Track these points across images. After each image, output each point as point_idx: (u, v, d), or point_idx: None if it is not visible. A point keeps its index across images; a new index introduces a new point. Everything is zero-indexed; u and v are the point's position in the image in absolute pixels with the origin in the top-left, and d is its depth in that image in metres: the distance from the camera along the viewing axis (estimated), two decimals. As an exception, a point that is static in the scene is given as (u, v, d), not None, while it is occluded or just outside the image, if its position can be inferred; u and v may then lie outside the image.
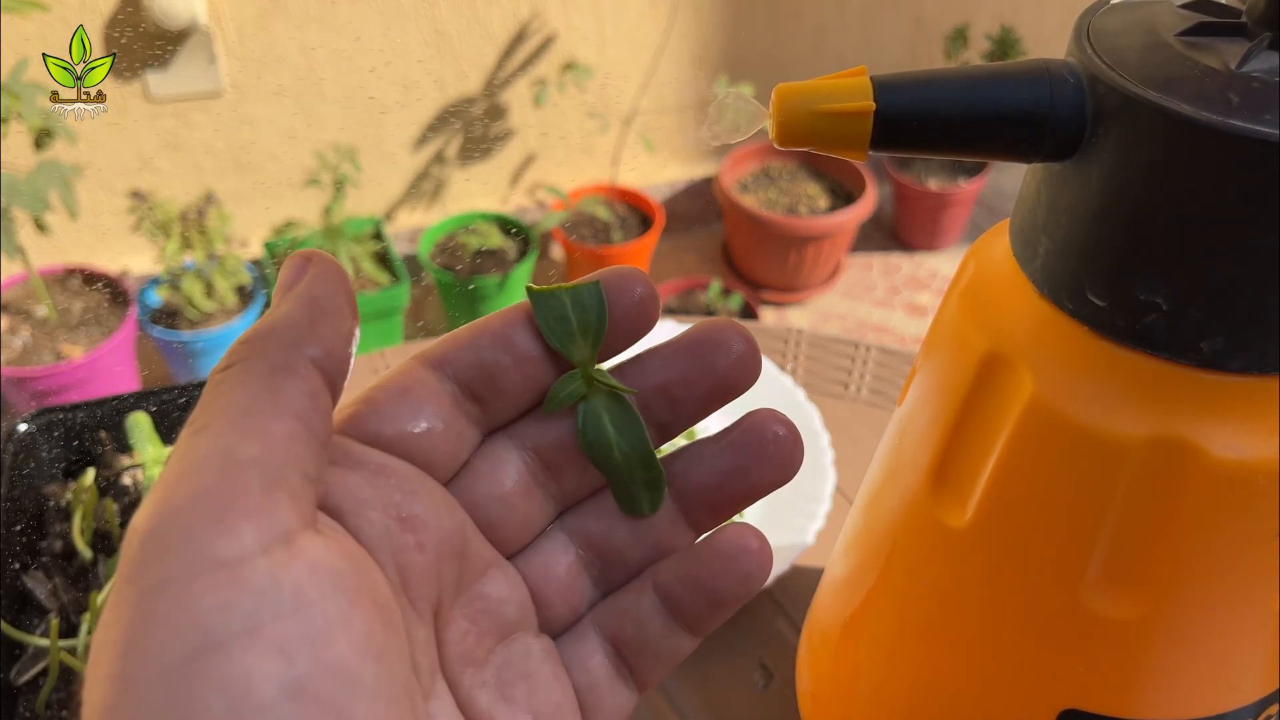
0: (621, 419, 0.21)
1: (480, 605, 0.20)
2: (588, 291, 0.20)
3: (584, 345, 0.20)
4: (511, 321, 0.20)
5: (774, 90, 0.25)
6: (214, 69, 1.34)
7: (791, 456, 0.21)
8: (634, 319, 0.21)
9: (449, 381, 0.20)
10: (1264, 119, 0.22)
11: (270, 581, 0.15)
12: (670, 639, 0.21)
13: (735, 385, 0.21)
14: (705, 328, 0.21)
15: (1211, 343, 0.25)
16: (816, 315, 1.71)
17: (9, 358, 1.27)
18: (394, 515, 0.19)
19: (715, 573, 0.21)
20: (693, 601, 0.21)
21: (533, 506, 0.21)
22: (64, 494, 0.52)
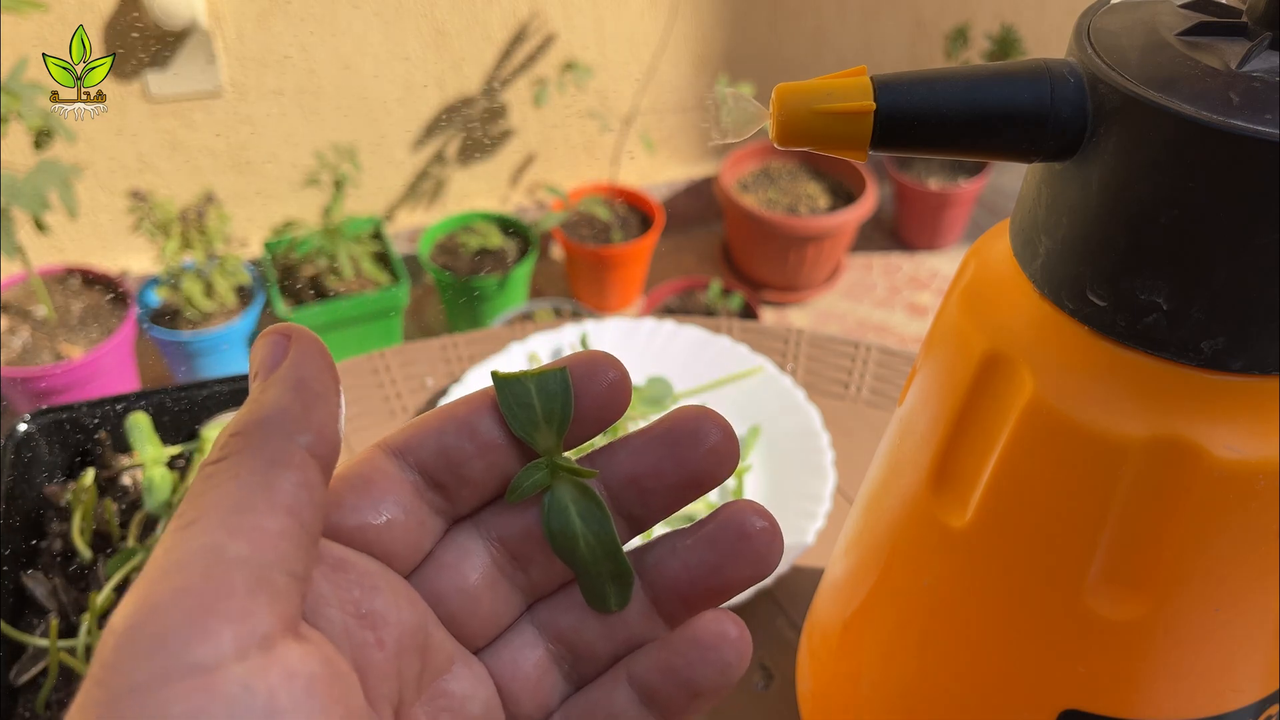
0: (587, 510, 0.20)
1: (443, 703, 0.20)
2: (553, 378, 0.20)
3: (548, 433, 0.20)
4: (476, 408, 0.20)
5: (774, 90, 0.25)
6: (213, 69, 1.34)
7: (769, 551, 0.20)
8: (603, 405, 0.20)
9: (411, 471, 0.20)
10: (1264, 119, 0.22)
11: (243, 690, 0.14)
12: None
13: (709, 478, 0.20)
14: (678, 417, 0.20)
15: (1212, 343, 0.25)
16: (816, 315, 1.71)
17: (9, 358, 1.27)
18: (352, 612, 0.18)
19: (693, 662, 0.20)
20: (671, 693, 0.20)
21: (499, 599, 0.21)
22: (63, 494, 0.52)
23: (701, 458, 0.20)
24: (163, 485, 0.51)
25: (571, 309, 1.57)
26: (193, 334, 1.34)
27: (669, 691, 0.20)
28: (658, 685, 0.20)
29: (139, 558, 0.48)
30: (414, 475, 0.20)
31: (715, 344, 0.65)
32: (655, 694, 0.20)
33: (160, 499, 0.50)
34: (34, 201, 1.09)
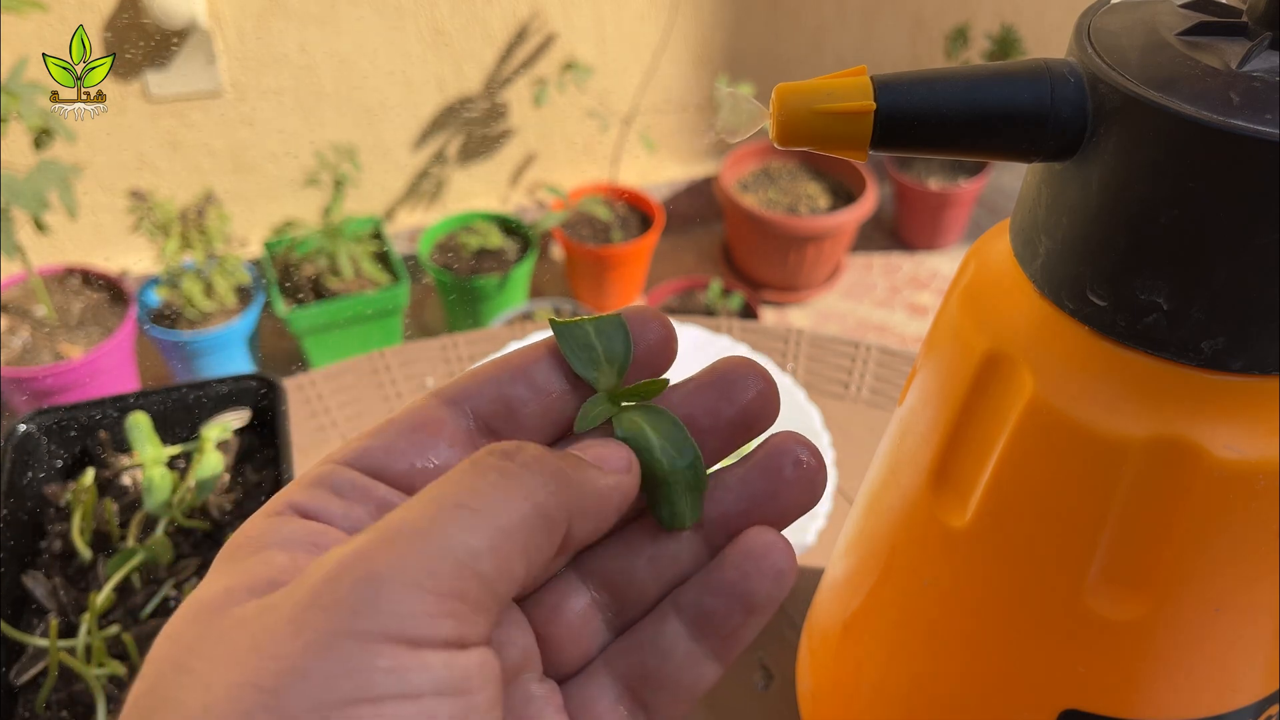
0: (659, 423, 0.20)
1: None
2: (611, 322, 0.20)
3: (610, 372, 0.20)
4: (533, 357, 0.20)
5: (774, 90, 0.25)
6: (213, 69, 1.34)
7: (816, 478, 0.20)
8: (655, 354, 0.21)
9: (466, 417, 0.20)
10: (1265, 119, 0.22)
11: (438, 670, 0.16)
12: (695, 667, 0.20)
13: (758, 421, 0.21)
14: (725, 365, 0.21)
15: (1212, 343, 0.25)
16: (816, 315, 1.71)
17: (8, 358, 1.27)
18: None
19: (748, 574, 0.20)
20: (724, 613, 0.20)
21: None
22: (63, 494, 0.52)
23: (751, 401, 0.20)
24: (162, 485, 0.51)
25: (571, 309, 1.57)
26: (193, 334, 1.34)
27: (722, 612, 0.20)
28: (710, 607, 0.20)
29: (139, 558, 0.48)
30: (468, 421, 0.20)
31: (715, 344, 0.65)
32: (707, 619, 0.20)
33: (160, 499, 0.50)
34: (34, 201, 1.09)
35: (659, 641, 0.20)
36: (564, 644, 0.20)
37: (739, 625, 0.20)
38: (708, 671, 0.20)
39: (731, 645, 0.20)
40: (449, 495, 0.17)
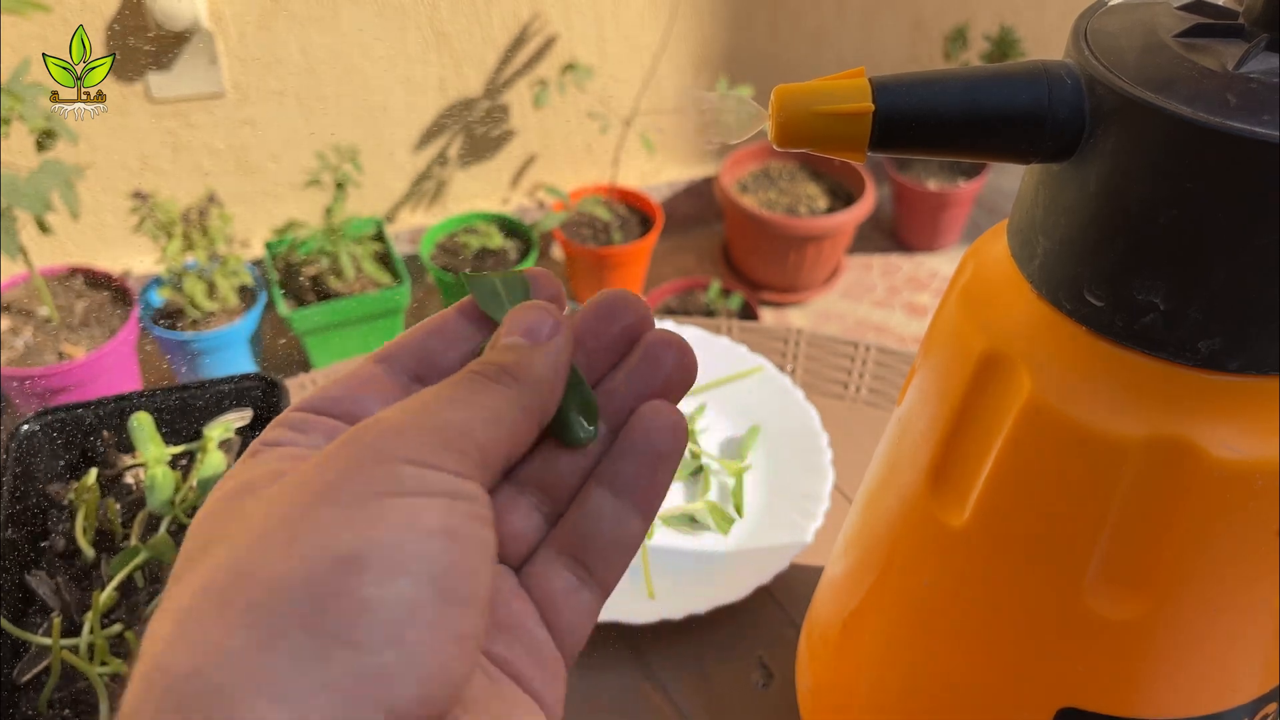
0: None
1: None
2: (515, 277, 0.25)
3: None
4: (447, 316, 0.24)
5: (773, 91, 0.25)
6: (215, 70, 1.34)
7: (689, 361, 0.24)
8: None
9: (395, 371, 0.23)
10: (1262, 120, 0.22)
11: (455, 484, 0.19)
12: (622, 524, 0.23)
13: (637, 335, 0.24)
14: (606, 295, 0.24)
15: (1210, 343, 0.25)
16: (816, 315, 1.71)
17: (11, 358, 1.27)
18: None
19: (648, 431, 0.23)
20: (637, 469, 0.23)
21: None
22: (66, 493, 0.52)
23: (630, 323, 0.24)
24: (165, 485, 0.51)
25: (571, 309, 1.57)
26: (195, 334, 1.34)
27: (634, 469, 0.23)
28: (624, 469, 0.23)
29: (141, 557, 0.48)
30: (400, 376, 0.23)
31: (715, 344, 0.65)
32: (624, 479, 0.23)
33: (163, 498, 0.51)
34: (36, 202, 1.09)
35: (587, 509, 0.23)
36: (511, 540, 0.23)
37: (651, 477, 0.23)
38: (635, 526, 0.23)
39: (650, 497, 0.23)
40: (443, 394, 0.21)
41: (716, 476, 0.59)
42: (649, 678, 0.50)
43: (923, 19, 1.82)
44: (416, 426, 0.20)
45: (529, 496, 0.24)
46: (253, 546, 0.18)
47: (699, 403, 0.63)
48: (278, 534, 0.18)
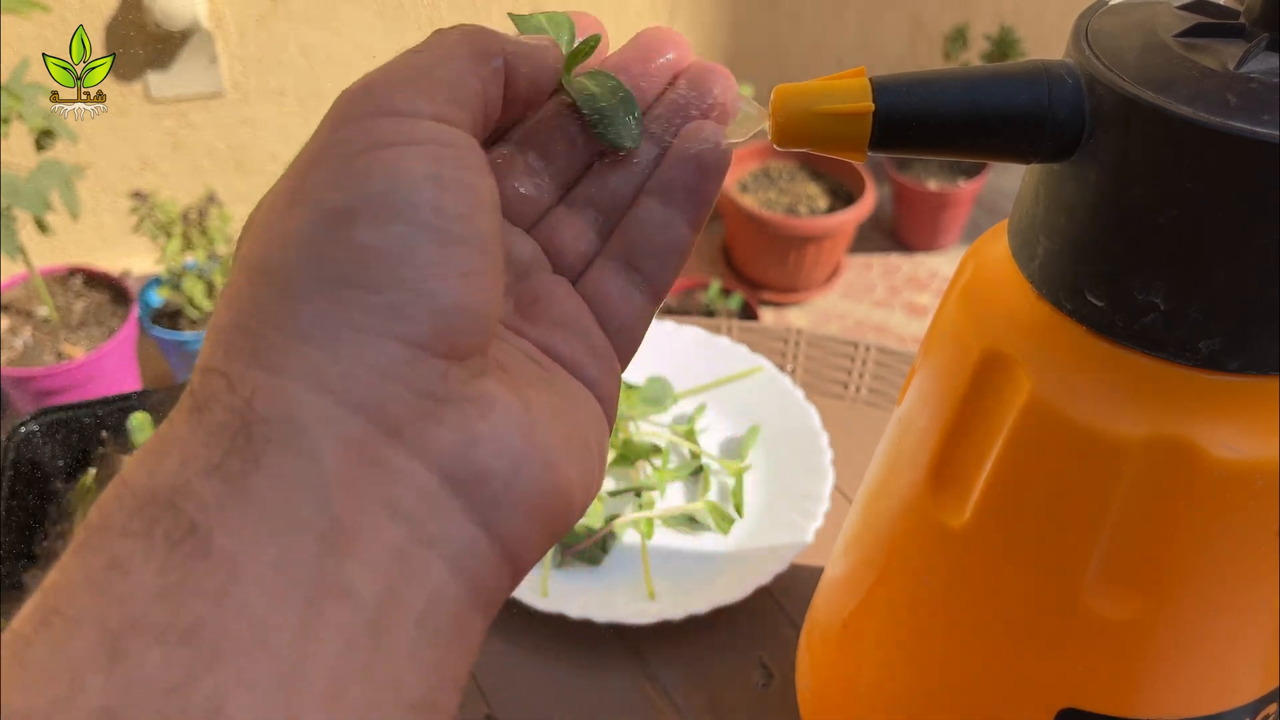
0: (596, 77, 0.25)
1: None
2: (559, 15, 0.25)
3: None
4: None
5: (773, 91, 0.25)
6: (215, 70, 1.34)
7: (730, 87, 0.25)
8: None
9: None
10: (1262, 120, 0.22)
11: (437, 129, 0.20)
12: (670, 228, 0.24)
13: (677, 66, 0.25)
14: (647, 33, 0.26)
15: (1210, 343, 0.25)
16: (816, 315, 1.71)
17: (11, 358, 1.27)
18: None
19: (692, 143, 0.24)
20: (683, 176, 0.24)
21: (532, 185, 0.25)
22: (65, 493, 0.52)
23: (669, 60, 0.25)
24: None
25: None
26: (194, 334, 1.34)
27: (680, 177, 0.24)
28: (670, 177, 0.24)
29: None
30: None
31: (715, 344, 0.65)
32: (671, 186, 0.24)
33: (162, 498, 0.50)
34: (36, 202, 1.09)
35: (637, 215, 0.24)
36: (569, 253, 0.25)
37: (697, 184, 0.24)
38: (683, 231, 0.24)
39: (696, 204, 0.24)
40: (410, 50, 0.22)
41: (716, 476, 0.59)
42: (649, 678, 0.50)
43: (923, 19, 1.82)
44: (384, 80, 0.21)
45: (583, 213, 0.25)
46: (265, 222, 0.20)
47: (699, 403, 0.63)
48: (280, 205, 0.20)
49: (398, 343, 0.19)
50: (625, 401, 0.61)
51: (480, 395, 0.20)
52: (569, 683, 0.50)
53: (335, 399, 0.18)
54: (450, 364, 0.19)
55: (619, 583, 0.53)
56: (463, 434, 0.19)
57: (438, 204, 0.19)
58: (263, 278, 0.19)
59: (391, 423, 0.18)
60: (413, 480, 0.18)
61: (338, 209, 0.19)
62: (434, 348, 0.19)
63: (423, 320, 0.19)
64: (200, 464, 0.17)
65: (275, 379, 0.18)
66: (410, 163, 0.19)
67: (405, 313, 0.19)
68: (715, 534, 0.56)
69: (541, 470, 0.20)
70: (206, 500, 0.17)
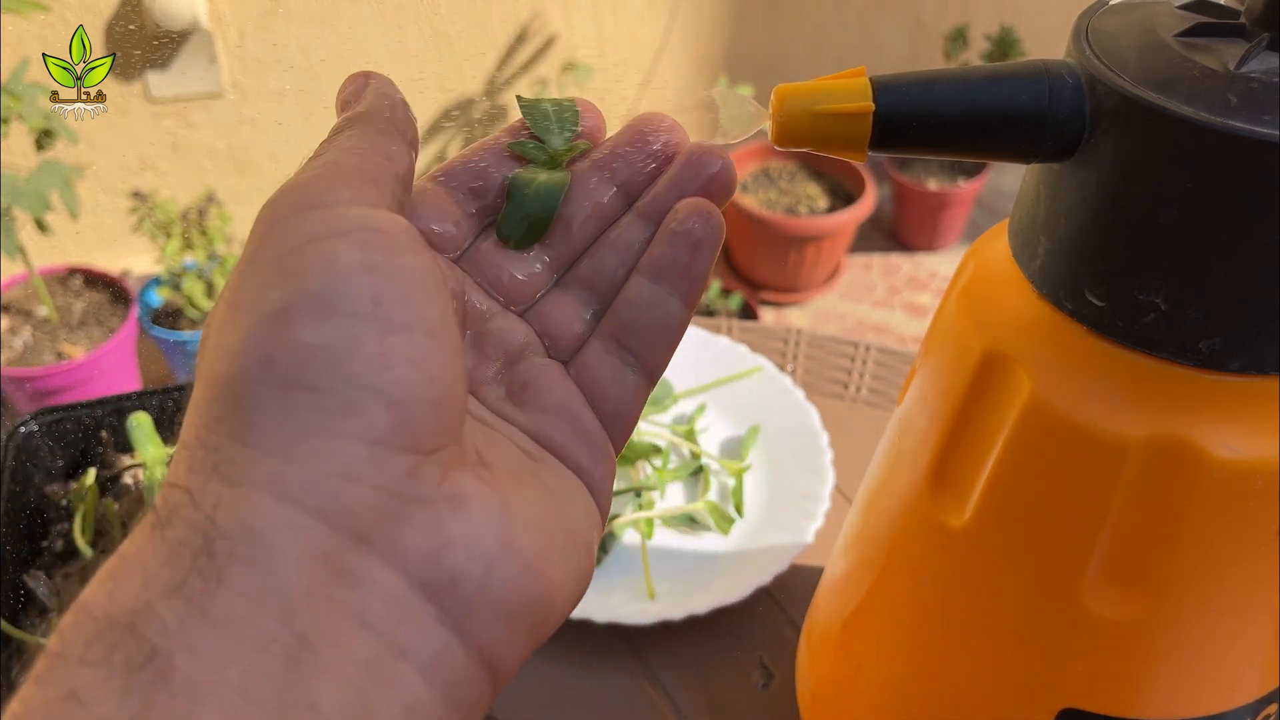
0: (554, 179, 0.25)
1: (485, 338, 0.24)
2: (567, 104, 0.26)
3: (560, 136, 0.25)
4: (499, 137, 0.26)
5: (774, 91, 0.25)
6: (215, 69, 1.34)
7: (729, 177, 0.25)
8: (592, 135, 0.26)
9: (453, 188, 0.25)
10: (1263, 119, 0.22)
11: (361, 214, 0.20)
12: (661, 306, 0.24)
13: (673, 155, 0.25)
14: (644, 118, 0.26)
15: (1210, 343, 0.25)
16: (816, 315, 1.71)
17: (10, 358, 1.27)
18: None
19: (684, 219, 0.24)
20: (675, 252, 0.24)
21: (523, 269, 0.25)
22: (65, 494, 0.52)
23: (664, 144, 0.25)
24: (164, 485, 0.51)
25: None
26: (194, 334, 1.34)
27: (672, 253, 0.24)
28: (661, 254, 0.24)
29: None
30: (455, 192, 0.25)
31: (715, 344, 0.65)
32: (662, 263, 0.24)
33: (161, 498, 0.50)
34: (35, 202, 1.09)
35: (629, 295, 0.24)
36: (562, 335, 0.24)
37: (689, 261, 0.24)
38: (675, 309, 0.24)
39: (688, 280, 0.24)
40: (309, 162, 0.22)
41: (716, 476, 0.59)
42: (649, 678, 0.50)
43: (923, 19, 1.82)
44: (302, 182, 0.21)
45: (576, 295, 0.25)
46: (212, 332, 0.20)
47: (699, 403, 0.63)
48: (223, 313, 0.19)
49: (356, 442, 0.18)
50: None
51: (453, 493, 0.19)
52: (569, 683, 0.50)
53: (298, 507, 0.17)
54: (418, 459, 0.19)
55: (619, 583, 0.53)
56: (434, 536, 0.18)
57: (374, 293, 0.19)
58: (215, 390, 0.19)
59: (358, 527, 0.18)
60: (381, 587, 0.18)
61: (276, 311, 0.18)
62: (395, 443, 0.18)
63: (377, 415, 0.18)
64: (162, 584, 0.17)
65: (237, 491, 0.17)
66: (341, 254, 0.19)
67: (357, 409, 0.18)
68: (715, 534, 0.56)
69: (519, 572, 0.19)
70: (168, 622, 0.16)
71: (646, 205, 0.25)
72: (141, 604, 0.17)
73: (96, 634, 0.16)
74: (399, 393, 0.18)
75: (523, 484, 0.21)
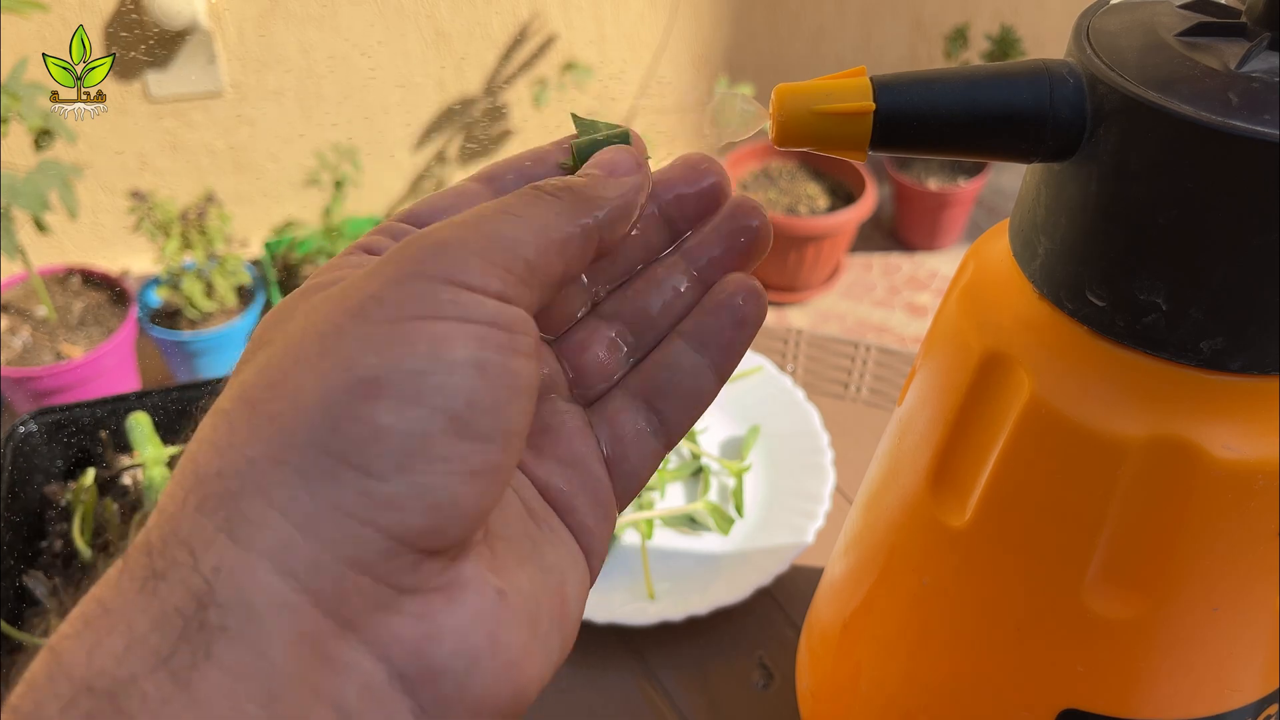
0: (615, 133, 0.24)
1: None
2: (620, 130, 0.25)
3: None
4: (552, 149, 0.25)
5: (774, 90, 0.25)
6: (214, 69, 1.34)
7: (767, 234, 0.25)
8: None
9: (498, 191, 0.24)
10: (1263, 119, 0.22)
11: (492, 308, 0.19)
12: (698, 377, 0.24)
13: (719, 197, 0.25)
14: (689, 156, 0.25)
15: (1211, 343, 0.25)
16: (816, 315, 1.71)
17: (9, 358, 1.27)
18: None
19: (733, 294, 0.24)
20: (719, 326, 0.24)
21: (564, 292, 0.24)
22: (64, 494, 0.52)
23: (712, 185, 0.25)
24: (163, 485, 0.51)
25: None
26: (193, 334, 1.34)
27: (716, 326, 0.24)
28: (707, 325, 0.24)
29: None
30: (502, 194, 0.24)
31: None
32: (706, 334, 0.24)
33: (161, 499, 0.50)
34: (34, 201, 1.09)
35: (668, 358, 0.24)
36: (590, 372, 0.24)
37: (732, 337, 0.24)
38: (708, 383, 0.24)
39: (728, 356, 0.24)
40: (496, 206, 0.20)
41: (716, 477, 0.59)
42: (649, 678, 0.50)
43: (923, 19, 1.82)
44: (461, 241, 0.19)
45: (614, 327, 0.24)
46: (286, 356, 0.18)
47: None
48: (310, 347, 0.18)
49: (381, 534, 0.17)
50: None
51: (451, 583, 0.19)
52: (569, 683, 0.50)
53: (297, 585, 0.17)
54: (427, 557, 0.18)
55: (619, 583, 0.53)
56: (422, 626, 0.18)
57: (471, 395, 0.18)
58: (263, 427, 0.18)
59: (348, 615, 0.17)
60: (361, 675, 0.17)
61: (367, 378, 0.18)
62: (415, 543, 0.18)
63: (414, 516, 0.18)
64: (149, 651, 0.16)
65: (241, 554, 0.17)
66: (456, 343, 0.18)
67: (399, 505, 0.17)
68: (715, 534, 0.56)
69: (500, 671, 0.19)
70: (150, 697, 0.16)
71: (692, 249, 0.24)
72: (125, 674, 0.16)
73: (71, 699, 0.16)
74: (445, 500, 0.18)
75: (523, 563, 0.20)
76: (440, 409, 0.18)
